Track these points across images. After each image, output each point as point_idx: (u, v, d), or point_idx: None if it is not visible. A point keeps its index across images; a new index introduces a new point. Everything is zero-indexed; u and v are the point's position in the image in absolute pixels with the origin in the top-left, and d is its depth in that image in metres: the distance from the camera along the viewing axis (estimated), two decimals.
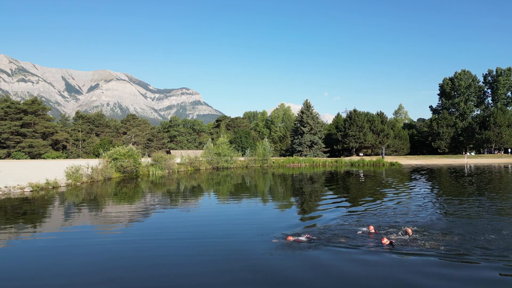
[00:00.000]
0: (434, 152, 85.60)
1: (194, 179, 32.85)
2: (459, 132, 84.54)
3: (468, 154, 75.85)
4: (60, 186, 24.46)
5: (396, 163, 54.85)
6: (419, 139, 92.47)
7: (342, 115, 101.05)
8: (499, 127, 76.14)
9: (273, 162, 55.15)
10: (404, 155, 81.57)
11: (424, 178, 31.35)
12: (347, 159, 64.11)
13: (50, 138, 75.48)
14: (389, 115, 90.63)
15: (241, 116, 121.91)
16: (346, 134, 75.74)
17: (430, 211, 14.26)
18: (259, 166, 52.13)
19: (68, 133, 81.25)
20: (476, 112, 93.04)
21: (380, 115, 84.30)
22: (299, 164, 56.11)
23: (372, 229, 10.13)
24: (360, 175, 35.26)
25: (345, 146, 76.97)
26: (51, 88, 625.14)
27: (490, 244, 8.87)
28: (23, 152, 70.74)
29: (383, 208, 15.02)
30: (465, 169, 44.27)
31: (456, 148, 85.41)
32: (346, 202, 17.80)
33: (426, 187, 24.84)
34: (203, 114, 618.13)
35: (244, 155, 56.56)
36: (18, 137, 71.91)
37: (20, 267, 8.13)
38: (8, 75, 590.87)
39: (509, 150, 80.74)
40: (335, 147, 78.39)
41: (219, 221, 13.13)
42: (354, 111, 79.27)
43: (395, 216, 13.16)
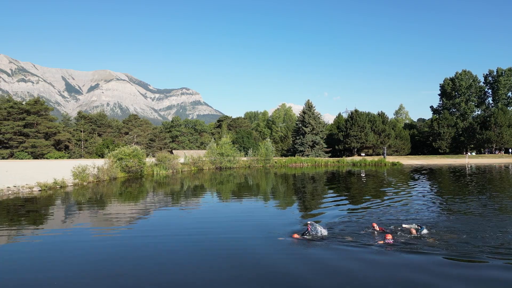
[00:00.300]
0: (435, 152, 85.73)
1: (198, 178, 33.08)
2: (460, 132, 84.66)
3: (469, 154, 76.01)
4: (68, 186, 24.71)
5: (397, 163, 55.03)
6: (420, 139, 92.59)
7: (343, 115, 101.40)
8: (500, 127, 76.37)
9: (275, 162, 55.29)
10: (405, 155, 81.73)
11: (427, 178, 31.49)
12: (349, 159, 64.29)
13: (53, 138, 75.61)
14: (389, 115, 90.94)
15: (242, 116, 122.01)
16: (347, 134, 75.89)
17: (434, 210, 14.38)
18: (261, 166, 52.32)
19: (70, 133, 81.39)
20: (476, 112, 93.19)
21: (381, 115, 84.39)
22: (301, 164, 56.25)
23: (375, 226, 10.28)
24: (362, 175, 35.46)
25: (346, 146, 77.10)
26: (51, 88, 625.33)
27: (498, 242, 8.98)
28: (26, 152, 70.81)
29: (386, 207, 15.16)
30: (466, 169, 44.49)
31: (456, 148, 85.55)
32: (349, 201, 17.99)
33: (429, 186, 24.99)
34: (203, 114, 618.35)
35: (246, 155, 56.78)
36: (21, 137, 72.02)
37: (34, 261, 8.36)
38: (8, 75, 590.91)
39: (509, 150, 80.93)
40: (336, 147, 78.51)
41: (223, 219, 13.29)
42: (356, 111, 79.37)
43: (399, 214, 13.27)
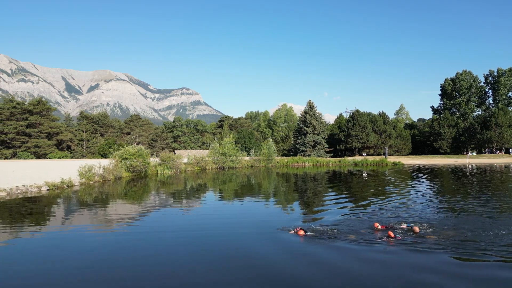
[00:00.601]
0: (435, 152, 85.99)
1: (201, 178, 33.34)
2: (461, 132, 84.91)
3: (469, 154, 76.30)
4: (74, 185, 24.98)
5: (399, 163, 55.29)
6: (421, 139, 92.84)
7: (344, 115, 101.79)
8: (500, 127, 76.66)
9: (277, 162, 55.53)
10: (406, 155, 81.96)
11: (428, 178, 31.74)
12: (351, 159, 64.54)
13: (55, 138, 75.91)
14: (390, 115, 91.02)
15: (243, 116, 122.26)
16: (349, 134, 76.14)
17: (437, 209, 14.58)
18: (263, 166, 52.55)
19: (73, 133, 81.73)
20: (477, 112, 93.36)
21: (382, 115, 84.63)
22: (303, 164, 56.48)
23: (377, 226, 10.43)
24: (364, 175, 35.70)
25: (347, 146, 77.32)
26: (51, 88, 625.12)
27: (502, 240, 9.12)
28: (28, 152, 71.17)
29: (389, 206, 15.37)
30: (467, 168, 44.77)
31: (457, 148, 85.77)
32: (352, 200, 18.21)
33: (431, 185, 25.23)
34: (203, 114, 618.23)
35: (249, 155, 57.05)
36: (24, 137, 72.33)
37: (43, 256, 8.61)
38: (8, 75, 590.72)
39: (510, 150, 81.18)
40: (338, 147, 78.73)
41: (226, 219, 13.42)
42: (357, 111, 79.64)
43: (402, 213, 13.43)
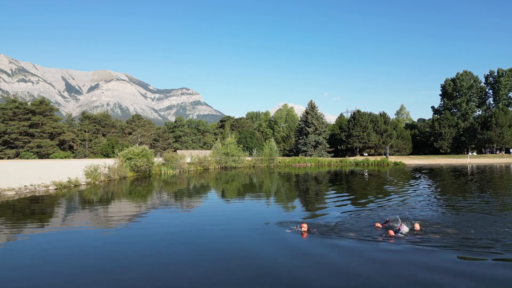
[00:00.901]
0: (436, 152, 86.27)
1: (204, 178, 33.61)
2: (461, 132, 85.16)
3: (470, 154, 76.59)
4: (81, 185, 25.28)
5: (400, 162, 55.57)
6: (421, 139, 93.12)
7: (344, 115, 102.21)
8: (501, 127, 76.89)
9: (279, 162, 55.85)
10: (406, 155, 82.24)
11: (430, 177, 32.02)
12: (352, 159, 64.83)
13: (57, 138, 76.25)
14: (390, 115, 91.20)
15: (243, 116, 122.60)
16: (350, 135, 76.41)
17: (439, 207, 14.82)
18: (265, 166, 52.86)
19: (75, 133, 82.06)
20: (477, 112, 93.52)
21: (383, 115, 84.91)
22: (305, 164, 56.77)
23: (378, 224, 10.69)
24: (366, 175, 35.99)
25: (349, 146, 77.57)
26: (51, 88, 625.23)
27: (505, 237, 9.33)
28: (31, 152, 71.48)
29: (391, 205, 15.62)
30: (468, 168, 45.07)
31: (458, 148, 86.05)
32: (354, 198, 18.48)
33: (433, 185, 25.50)
34: (203, 114, 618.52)
35: (251, 155, 57.39)
36: (27, 137, 72.60)
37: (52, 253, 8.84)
38: (8, 75, 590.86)
39: (510, 150, 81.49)
40: (339, 147, 79.00)
41: (228, 217, 13.59)
42: (358, 111, 79.91)
43: (404, 211, 13.64)
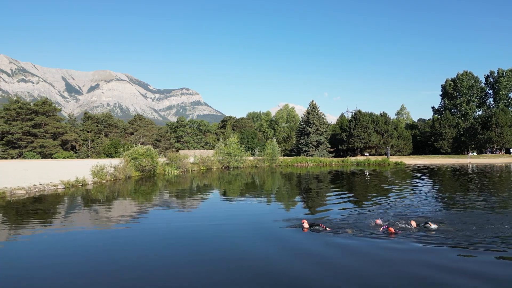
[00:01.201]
0: (436, 152, 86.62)
1: (207, 178, 33.92)
2: (461, 132, 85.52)
3: (470, 154, 76.96)
4: (88, 184, 25.66)
5: (401, 162, 55.95)
6: (422, 139, 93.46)
7: (345, 115, 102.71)
8: (501, 127, 77.23)
9: (281, 162, 56.24)
10: (407, 155, 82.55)
11: (431, 177, 32.34)
12: (353, 158, 65.21)
13: (60, 139, 76.69)
14: (390, 115, 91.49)
15: (244, 116, 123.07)
16: (351, 135, 76.76)
17: (440, 205, 15.13)
18: (267, 165, 53.24)
19: (77, 133, 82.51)
20: (478, 112, 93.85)
21: (384, 115, 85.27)
22: (306, 163, 57.18)
23: (378, 222, 10.98)
24: (366, 174, 36.32)
25: (350, 146, 77.92)
26: (51, 88, 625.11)
27: (507, 234, 9.56)
28: (34, 152, 71.92)
29: (392, 203, 15.92)
30: (468, 168, 45.45)
31: (458, 148, 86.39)
32: (356, 197, 18.84)
33: (434, 184, 25.85)
34: (203, 114, 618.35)
35: (253, 155, 57.78)
36: (30, 137, 73.09)
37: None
38: (8, 75, 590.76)
39: (510, 150, 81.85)
40: (340, 147, 79.38)
41: (231, 216, 13.72)
42: (359, 111, 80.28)
43: (405, 209, 13.92)
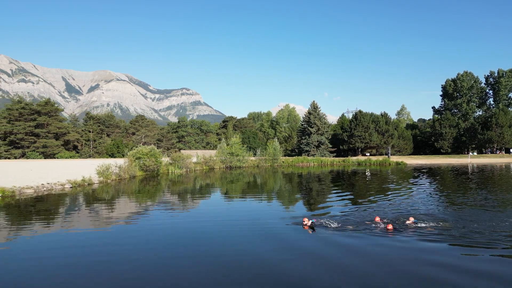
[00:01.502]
0: (436, 152, 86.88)
1: (209, 177, 34.33)
2: (462, 132, 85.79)
3: (471, 154, 77.27)
4: (94, 183, 26.04)
5: (402, 162, 56.30)
6: (422, 139, 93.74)
7: (346, 115, 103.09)
8: (501, 127, 77.51)
9: (282, 162, 56.59)
10: (407, 155, 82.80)
11: (431, 176, 32.74)
12: (354, 158, 65.56)
13: (62, 139, 77.12)
14: (391, 115, 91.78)
15: (244, 116, 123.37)
16: (352, 135, 77.12)
17: (441, 203, 15.56)
18: (269, 165, 53.59)
19: (79, 133, 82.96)
20: (478, 113, 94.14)
21: (384, 115, 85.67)
22: (308, 163, 57.54)
23: (378, 219, 11.31)
24: (367, 174, 36.65)
25: (351, 146, 78.31)
26: (51, 88, 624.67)
27: (506, 231, 9.91)
28: (37, 152, 72.35)
29: (393, 201, 16.28)
30: (469, 168, 45.80)
31: (458, 148, 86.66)
32: (357, 196, 19.27)
33: (434, 183, 26.26)
34: (203, 114, 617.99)
35: (255, 155, 58.14)
36: (32, 137, 73.51)
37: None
38: (9, 75, 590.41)
39: (510, 150, 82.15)
40: (341, 147, 79.75)
41: (233, 215, 13.93)
42: (360, 112, 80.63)
43: (405, 207, 14.31)
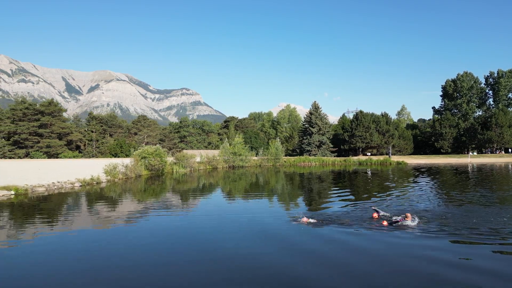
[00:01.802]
0: (437, 152, 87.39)
1: (213, 177, 34.82)
2: (462, 132, 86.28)
3: (470, 153, 77.80)
4: (102, 182, 26.61)
5: (402, 162, 56.89)
6: (422, 139, 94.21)
7: (346, 116, 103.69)
8: (501, 127, 78.02)
9: (284, 161, 57.17)
10: (408, 154, 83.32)
11: (432, 175, 33.22)
12: (355, 158, 66.15)
13: (66, 139, 77.77)
14: (391, 115, 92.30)
15: (245, 116, 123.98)
16: (353, 135, 77.68)
17: (440, 201, 16.00)
18: (271, 165, 54.15)
19: (81, 133, 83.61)
20: (478, 113, 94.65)
21: (385, 116, 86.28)
22: (310, 163, 58.12)
23: (375, 215, 11.78)
24: (369, 173, 37.16)
25: (352, 146, 78.88)
26: (51, 88, 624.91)
27: (504, 227, 10.27)
28: (41, 152, 72.99)
29: (394, 199, 16.78)
30: (469, 167, 46.35)
31: (458, 148, 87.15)
32: (358, 194, 19.79)
33: (435, 182, 26.77)
34: (203, 114, 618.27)
35: (257, 154, 58.73)
36: (36, 137, 74.14)
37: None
38: (9, 75, 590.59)
39: (509, 150, 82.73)
40: (342, 147, 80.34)
41: (233, 215, 14.03)
42: (361, 112, 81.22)
43: (405, 205, 14.73)
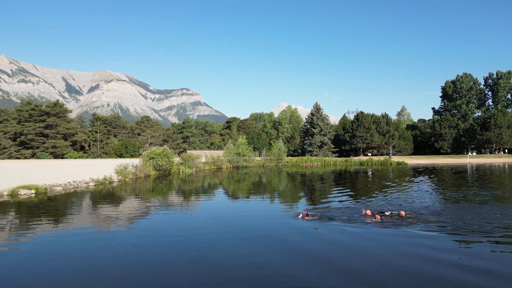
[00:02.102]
0: (436, 152, 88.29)
1: (218, 177, 35.75)
2: (461, 133, 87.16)
3: (470, 154, 78.74)
4: (114, 182, 27.62)
5: (402, 162, 57.90)
6: (422, 139, 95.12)
7: (347, 116, 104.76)
8: (500, 128, 78.85)
9: (287, 162, 58.16)
10: (408, 155, 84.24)
11: (432, 175, 34.01)
12: (356, 158, 67.16)
13: (71, 139, 78.79)
14: (391, 115, 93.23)
15: (246, 116, 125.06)
16: (354, 135, 78.62)
17: (439, 199, 16.55)
18: (274, 165, 55.14)
19: (86, 134, 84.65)
20: (477, 113, 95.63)
21: (385, 116, 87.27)
22: (311, 163, 59.14)
23: (369, 212, 12.44)
24: (370, 173, 38.05)
25: (352, 146, 79.83)
26: (52, 88, 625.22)
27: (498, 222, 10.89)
28: (47, 152, 74.04)
29: (394, 197, 17.38)
30: (468, 168, 47.31)
31: (458, 149, 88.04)
32: (359, 193, 20.56)
33: (434, 181, 27.63)
34: (203, 114, 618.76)
35: (260, 155, 59.76)
36: (42, 138, 75.24)
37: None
38: (9, 75, 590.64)
39: (505, 150, 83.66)
40: (343, 147, 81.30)
41: (233, 215, 14.19)
42: (361, 113, 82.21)
43: (405, 203, 15.09)
